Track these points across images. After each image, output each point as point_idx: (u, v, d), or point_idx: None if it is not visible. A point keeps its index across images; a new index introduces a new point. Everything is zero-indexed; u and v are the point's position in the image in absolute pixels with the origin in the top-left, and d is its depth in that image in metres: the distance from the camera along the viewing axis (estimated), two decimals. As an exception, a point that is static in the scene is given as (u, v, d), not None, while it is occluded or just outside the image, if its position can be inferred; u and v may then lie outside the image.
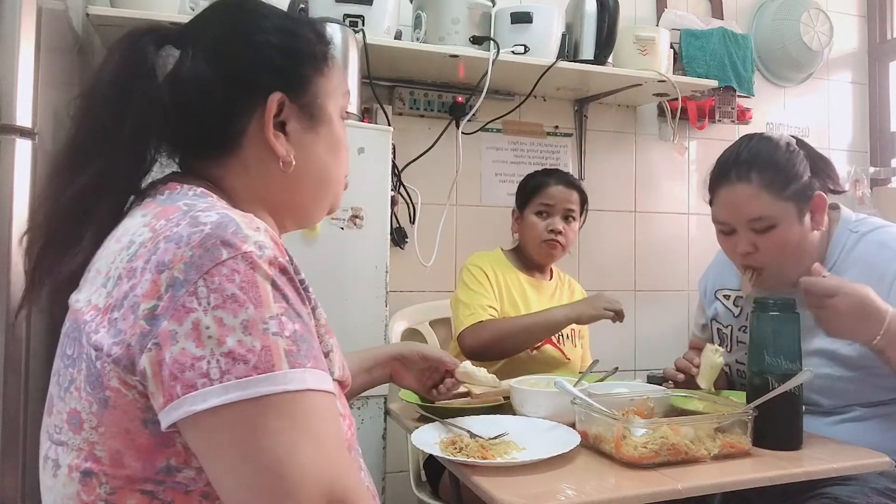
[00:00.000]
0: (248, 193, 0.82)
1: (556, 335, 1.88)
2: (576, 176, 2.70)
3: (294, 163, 0.81)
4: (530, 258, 1.97)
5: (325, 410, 0.66)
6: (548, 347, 1.86)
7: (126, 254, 0.68)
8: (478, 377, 1.29)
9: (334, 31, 1.84)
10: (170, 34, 0.81)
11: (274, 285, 0.66)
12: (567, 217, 1.93)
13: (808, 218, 1.38)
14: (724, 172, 1.44)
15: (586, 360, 1.92)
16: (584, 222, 2.01)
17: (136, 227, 0.70)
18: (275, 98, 0.79)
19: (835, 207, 1.47)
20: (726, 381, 1.59)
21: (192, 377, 0.61)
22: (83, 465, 0.67)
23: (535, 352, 1.83)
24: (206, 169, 0.81)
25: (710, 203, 1.49)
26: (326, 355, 0.77)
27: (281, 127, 0.81)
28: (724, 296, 1.60)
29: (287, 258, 0.70)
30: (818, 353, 1.38)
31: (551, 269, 2.04)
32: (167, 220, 0.68)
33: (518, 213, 2.00)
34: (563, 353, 1.89)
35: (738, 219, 1.40)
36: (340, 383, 0.81)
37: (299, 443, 0.62)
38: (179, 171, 0.83)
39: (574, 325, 1.90)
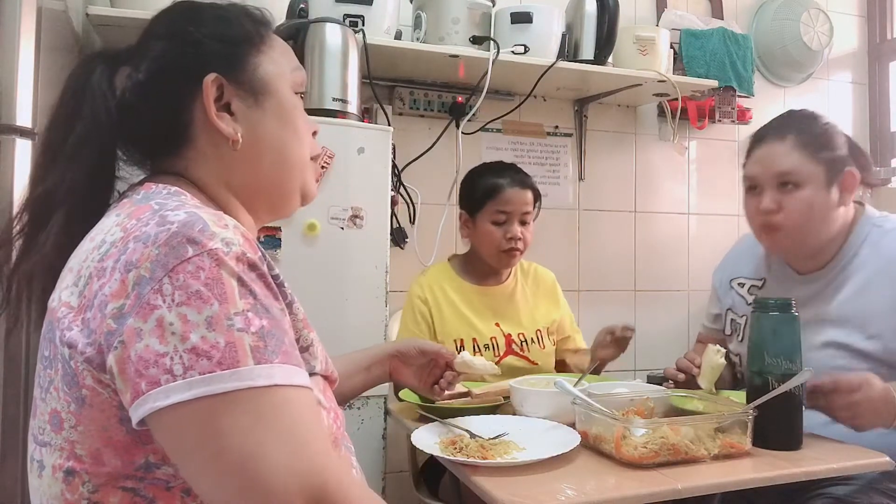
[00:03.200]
0: (214, 181, 0.83)
1: (518, 341, 1.81)
2: (576, 176, 2.72)
3: (242, 140, 0.82)
4: (486, 265, 1.86)
5: (297, 405, 0.65)
6: (509, 359, 1.80)
7: (97, 253, 0.69)
8: (476, 366, 1.29)
9: (334, 31, 1.85)
10: (121, 54, 0.85)
11: (240, 281, 0.66)
12: (523, 221, 1.82)
13: (835, 191, 1.40)
14: (763, 133, 1.48)
15: (583, 360, 1.90)
16: (537, 215, 1.89)
17: (109, 227, 0.72)
18: (209, 79, 0.80)
19: (860, 203, 1.49)
20: (731, 377, 1.59)
21: (156, 373, 0.61)
22: (66, 465, 0.68)
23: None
24: (173, 166, 0.83)
25: (744, 166, 1.52)
26: (306, 349, 0.77)
27: (227, 108, 0.82)
28: (738, 284, 1.61)
29: (259, 254, 0.70)
30: (831, 344, 1.39)
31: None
32: (137, 220, 0.69)
33: (467, 217, 1.86)
34: (529, 360, 1.82)
35: (767, 174, 1.42)
36: (326, 378, 0.82)
37: (268, 440, 0.62)
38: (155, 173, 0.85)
39: (543, 324, 1.86)
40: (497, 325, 1.82)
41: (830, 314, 1.41)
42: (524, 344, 1.82)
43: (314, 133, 0.92)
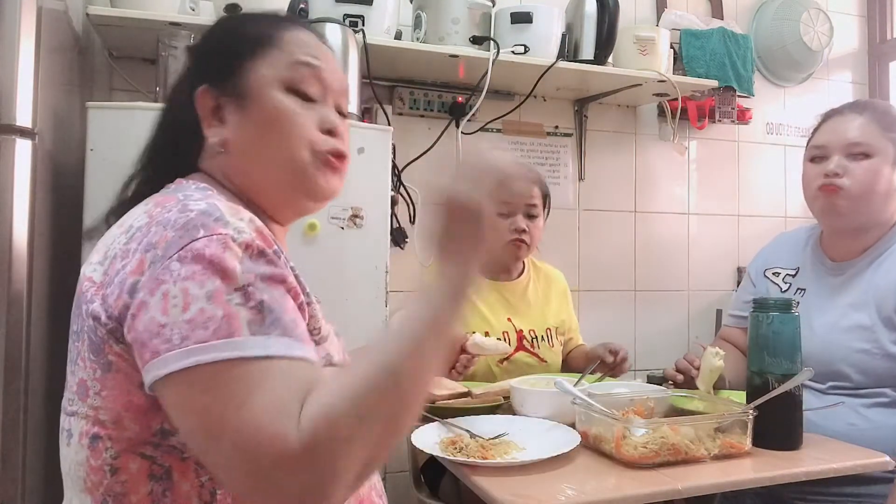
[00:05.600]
0: (227, 182, 0.87)
1: (529, 337, 1.82)
2: (576, 176, 2.72)
3: (229, 145, 0.85)
4: (493, 260, 1.89)
5: (294, 376, 0.66)
6: (519, 355, 1.80)
7: (125, 237, 0.74)
8: (488, 347, 1.31)
9: (334, 31, 1.85)
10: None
11: (243, 262, 0.68)
12: (529, 214, 1.83)
13: None
14: (840, 108, 1.53)
15: (577, 360, 1.90)
16: (547, 217, 1.91)
17: (137, 214, 0.77)
18: (199, 91, 0.86)
19: None
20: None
21: (158, 343, 0.65)
22: (91, 431, 0.72)
23: (505, 363, 1.77)
24: (204, 166, 0.89)
25: (809, 140, 1.55)
26: (325, 340, 0.81)
27: (221, 115, 0.87)
28: (773, 273, 1.63)
29: (274, 248, 0.72)
30: (857, 328, 1.40)
31: (524, 263, 1.95)
32: (163, 208, 0.74)
33: None
34: (539, 357, 1.83)
35: (838, 141, 1.46)
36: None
37: (257, 407, 0.62)
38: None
39: (553, 323, 1.87)
40: (509, 319, 1.84)
41: (858, 299, 1.43)
42: (535, 341, 1.84)
43: (328, 131, 0.88)
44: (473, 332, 1.34)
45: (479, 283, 0.75)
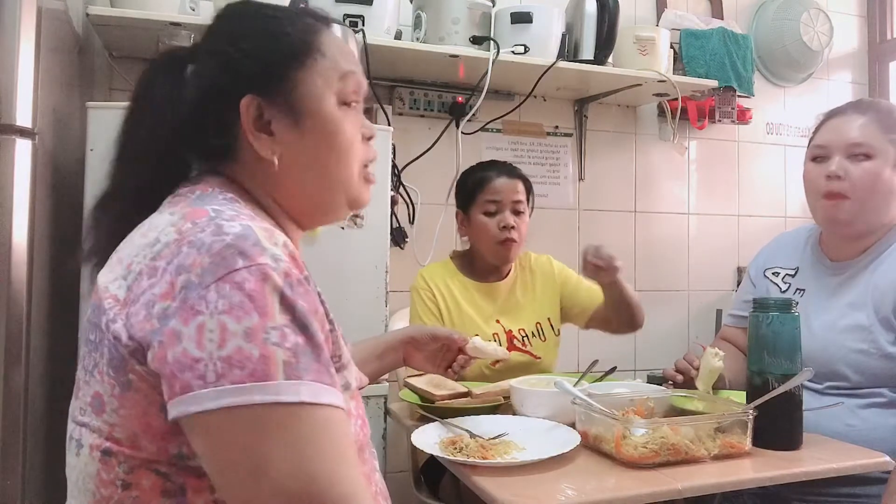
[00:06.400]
0: (260, 192, 0.84)
1: (519, 336, 1.81)
2: (576, 176, 2.72)
3: (281, 160, 0.82)
4: (486, 262, 1.85)
5: (320, 424, 0.66)
6: (513, 355, 1.75)
7: (151, 251, 0.71)
8: (488, 351, 1.31)
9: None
10: (185, 54, 0.86)
11: (282, 297, 0.67)
12: (516, 210, 1.80)
13: None
14: (842, 108, 1.53)
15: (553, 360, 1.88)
16: (531, 213, 1.88)
17: (163, 226, 0.73)
18: (245, 102, 0.81)
19: None
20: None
21: (190, 378, 0.63)
22: (103, 445, 0.70)
23: (498, 364, 1.74)
24: (228, 170, 0.84)
25: (811, 140, 1.55)
26: (346, 367, 0.79)
27: (267, 128, 0.82)
28: (773, 273, 1.63)
29: (306, 274, 0.71)
30: (855, 328, 1.40)
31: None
32: (193, 224, 0.71)
33: (463, 215, 1.86)
34: (532, 355, 1.81)
35: (839, 142, 1.45)
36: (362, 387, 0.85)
37: (278, 455, 0.63)
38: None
39: (544, 315, 1.85)
40: (498, 321, 1.82)
41: (856, 299, 1.43)
42: (525, 339, 1.82)
43: (370, 138, 0.90)
44: (476, 335, 1.34)
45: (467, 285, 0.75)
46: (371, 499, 0.69)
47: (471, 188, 1.83)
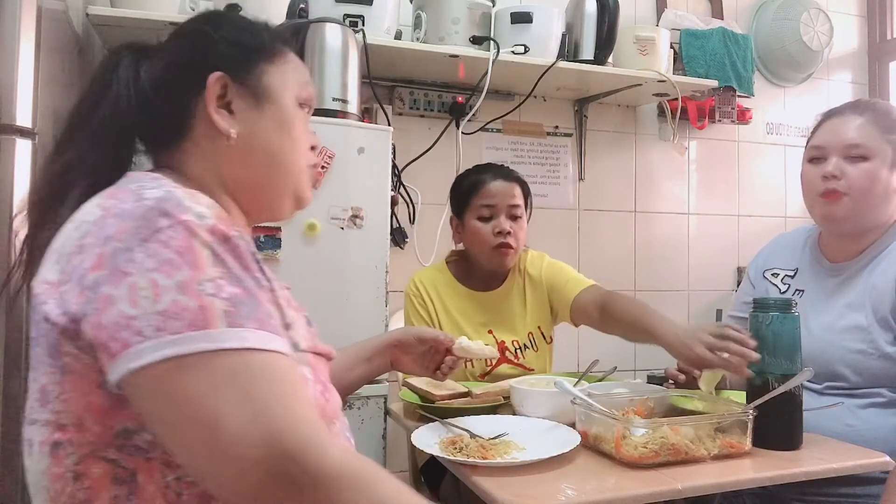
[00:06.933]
0: (208, 174, 0.85)
1: (512, 348, 1.73)
2: (576, 176, 2.72)
3: (236, 137, 0.85)
4: (481, 268, 1.76)
5: (272, 370, 0.66)
6: (502, 367, 1.71)
7: (77, 232, 0.71)
8: (474, 350, 1.30)
9: (334, 31, 1.85)
10: (149, 48, 0.89)
11: (213, 251, 0.67)
12: (513, 215, 1.71)
13: None
14: (840, 108, 1.52)
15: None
16: (529, 217, 1.79)
17: (89, 209, 0.74)
18: (214, 77, 0.84)
19: None
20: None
21: (128, 336, 0.63)
22: (52, 438, 0.70)
23: (486, 377, 1.69)
24: (171, 158, 0.86)
25: (809, 140, 1.54)
26: (289, 327, 0.79)
27: (228, 107, 0.86)
28: (772, 274, 1.63)
29: (236, 233, 0.71)
30: (854, 329, 1.40)
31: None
32: (117, 199, 0.72)
33: (457, 220, 1.79)
34: (523, 367, 1.72)
35: (836, 143, 1.45)
36: (318, 354, 0.84)
37: (233, 401, 0.62)
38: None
39: (537, 324, 1.75)
40: (490, 332, 1.75)
41: (855, 300, 1.43)
42: (518, 351, 1.74)
43: (313, 147, 0.95)
44: (463, 335, 1.33)
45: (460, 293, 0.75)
46: (333, 439, 0.68)
47: (465, 192, 1.76)
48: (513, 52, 2.19)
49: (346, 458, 0.66)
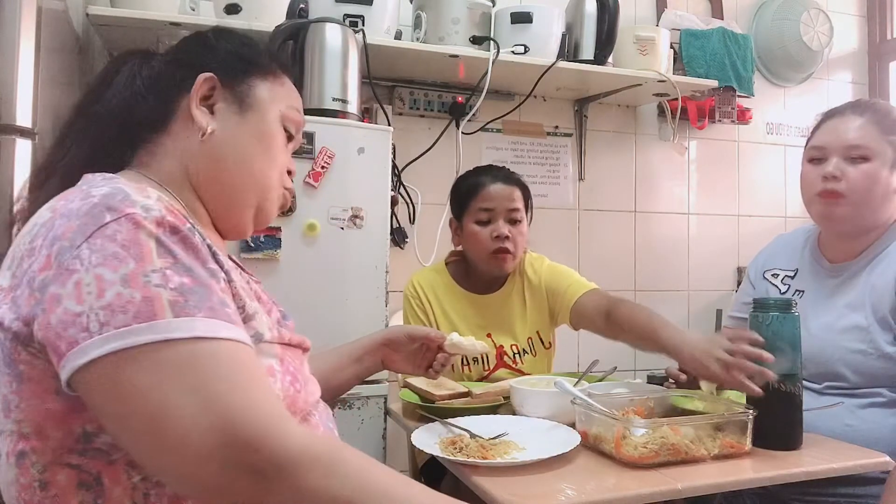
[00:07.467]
0: (178, 170, 0.85)
1: (511, 353, 1.71)
2: (576, 176, 2.72)
3: (211, 132, 0.84)
4: (480, 272, 1.74)
5: (221, 357, 0.65)
6: (499, 372, 1.69)
7: (29, 236, 0.71)
8: (465, 346, 1.28)
9: (334, 31, 1.85)
10: (156, 54, 0.91)
11: (159, 242, 0.67)
12: (512, 219, 1.68)
13: None
14: (840, 108, 1.52)
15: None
16: (530, 221, 1.76)
17: (41, 211, 0.73)
18: (203, 76, 0.85)
19: None
20: None
21: (74, 333, 0.62)
22: (17, 448, 0.69)
23: (483, 382, 1.66)
24: (145, 154, 0.86)
25: (808, 140, 1.54)
26: (250, 318, 0.77)
27: (210, 108, 0.86)
28: (772, 275, 1.63)
29: (187, 225, 0.70)
30: (854, 329, 1.40)
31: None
32: (66, 200, 0.71)
33: (456, 223, 1.77)
34: (521, 373, 1.70)
35: (836, 143, 1.45)
36: (288, 345, 0.83)
37: (180, 392, 0.62)
38: None
39: (536, 329, 1.73)
40: (489, 335, 1.73)
41: (854, 300, 1.43)
42: (517, 356, 1.72)
43: (290, 172, 0.95)
44: (452, 332, 1.32)
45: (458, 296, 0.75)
46: (295, 422, 0.68)
47: (464, 195, 1.73)
48: (513, 52, 2.19)
49: (308, 441, 0.65)
